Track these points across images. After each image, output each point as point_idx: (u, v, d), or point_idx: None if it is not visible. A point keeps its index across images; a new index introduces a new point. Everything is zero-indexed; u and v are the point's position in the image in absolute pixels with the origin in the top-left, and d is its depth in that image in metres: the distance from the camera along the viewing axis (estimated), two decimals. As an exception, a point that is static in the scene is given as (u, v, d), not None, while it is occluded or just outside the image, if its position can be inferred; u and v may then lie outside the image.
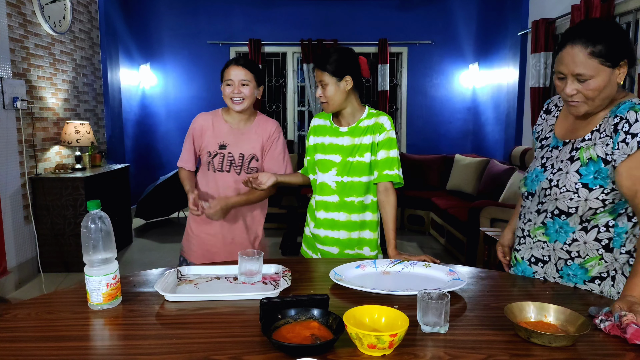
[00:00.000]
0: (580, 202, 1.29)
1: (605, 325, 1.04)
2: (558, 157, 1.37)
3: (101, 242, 1.17)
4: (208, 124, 2.00)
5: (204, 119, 2.01)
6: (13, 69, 3.62)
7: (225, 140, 1.98)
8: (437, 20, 6.10)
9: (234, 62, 1.91)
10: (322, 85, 1.72)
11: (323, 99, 1.74)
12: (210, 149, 1.98)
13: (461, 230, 4.07)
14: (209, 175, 2.00)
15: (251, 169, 1.98)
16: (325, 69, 1.70)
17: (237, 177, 1.97)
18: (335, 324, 1.02)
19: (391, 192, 1.74)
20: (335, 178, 1.78)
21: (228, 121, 2.00)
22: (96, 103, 5.08)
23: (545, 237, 1.40)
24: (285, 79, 6.29)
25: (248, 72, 1.90)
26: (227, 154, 1.97)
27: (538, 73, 4.32)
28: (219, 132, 1.98)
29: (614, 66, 1.22)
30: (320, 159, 1.81)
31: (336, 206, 1.79)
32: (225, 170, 1.97)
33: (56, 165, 4.16)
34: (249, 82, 1.90)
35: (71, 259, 3.93)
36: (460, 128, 6.32)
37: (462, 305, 1.21)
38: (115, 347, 1.01)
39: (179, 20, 6.03)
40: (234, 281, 1.38)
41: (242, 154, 1.97)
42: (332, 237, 1.81)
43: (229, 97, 1.90)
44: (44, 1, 4.00)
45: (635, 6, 3.26)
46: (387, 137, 1.73)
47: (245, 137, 1.98)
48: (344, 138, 1.78)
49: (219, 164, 1.97)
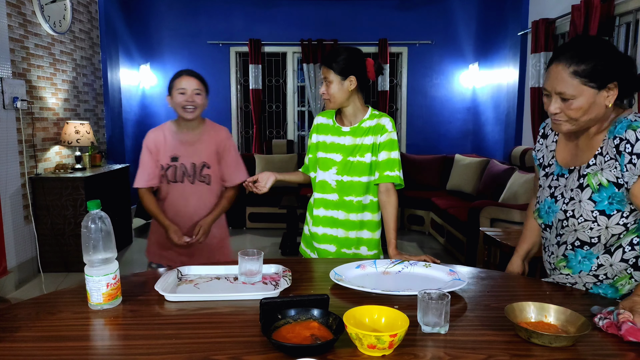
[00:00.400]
0: (602, 231, 1.25)
1: (603, 323, 1.05)
2: (566, 185, 1.32)
3: (101, 242, 1.17)
4: (160, 139, 2.05)
5: (156, 134, 2.06)
6: (13, 69, 3.61)
7: (177, 152, 2.03)
8: (437, 20, 6.10)
9: (185, 72, 1.98)
10: (327, 82, 1.74)
11: (326, 96, 1.76)
12: (163, 162, 2.04)
13: (461, 230, 4.07)
14: (164, 189, 2.07)
15: (203, 177, 2.05)
16: (331, 67, 1.72)
17: (191, 185, 2.05)
18: (335, 324, 1.02)
19: (392, 192, 1.76)
20: (336, 177, 1.79)
21: (178, 133, 2.05)
22: (96, 103, 5.08)
23: (568, 270, 1.35)
24: (285, 79, 6.29)
25: (200, 82, 1.98)
26: (180, 165, 2.03)
27: (538, 73, 4.32)
28: (170, 145, 2.04)
29: (601, 87, 1.18)
30: (322, 157, 1.82)
31: (335, 204, 1.80)
32: (179, 181, 2.04)
33: (56, 165, 4.16)
34: (200, 92, 1.98)
35: (71, 259, 3.93)
36: (460, 128, 6.32)
37: (463, 306, 1.21)
38: (115, 347, 1.01)
39: (179, 20, 6.03)
40: (234, 281, 1.38)
41: (194, 163, 2.04)
42: (330, 234, 1.82)
43: (181, 105, 1.95)
44: (44, 1, 4.00)
45: (635, 6, 3.26)
46: (389, 139, 1.75)
47: (196, 147, 2.05)
48: (345, 137, 1.79)
49: (172, 175, 2.03)
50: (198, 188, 2.06)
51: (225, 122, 6.22)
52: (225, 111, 6.21)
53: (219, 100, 6.15)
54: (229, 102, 6.20)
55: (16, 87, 3.58)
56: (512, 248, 2.88)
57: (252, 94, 5.97)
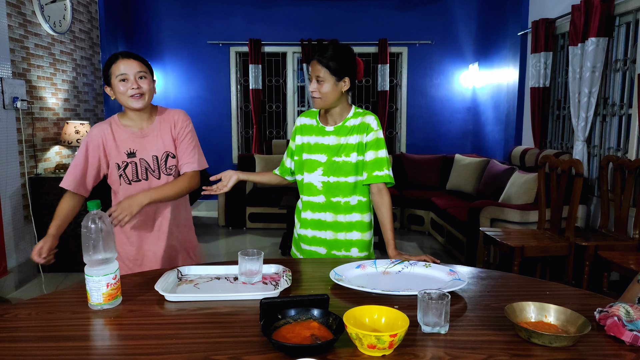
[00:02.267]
0: None
1: (599, 315, 1.06)
2: None
3: (101, 242, 1.17)
4: (107, 134, 1.72)
5: (101, 129, 1.73)
6: (13, 69, 3.61)
7: (131, 147, 1.73)
8: (437, 20, 6.10)
9: (121, 55, 1.66)
10: (319, 80, 1.67)
11: (317, 95, 1.69)
12: (118, 160, 1.72)
13: (461, 230, 4.07)
14: (122, 190, 1.76)
15: (170, 169, 1.75)
16: (327, 66, 1.65)
17: (158, 182, 1.74)
18: (335, 324, 1.02)
19: (385, 192, 1.73)
20: (321, 178, 1.75)
21: (128, 125, 1.74)
22: (96, 103, 5.08)
23: None
24: (285, 79, 6.29)
25: (141, 63, 1.67)
26: (139, 160, 1.73)
27: (538, 73, 4.32)
28: (121, 140, 1.73)
29: None
30: (307, 159, 1.79)
31: (322, 207, 1.77)
32: (142, 179, 1.74)
33: (56, 165, 4.15)
34: (145, 74, 1.67)
35: (71, 259, 3.92)
36: (460, 128, 6.32)
37: (463, 306, 1.21)
38: (115, 347, 1.01)
39: (179, 20, 6.03)
40: (234, 281, 1.38)
41: (155, 156, 1.74)
42: (319, 237, 1.79)
43: (125, 94, 1.65)
44: (44, 1, 4.00)
45: (635, 6, 3.26)
46: (375, 138, 1.71)
47: (152, 137, 1.74)
48: (329, 137, 1.75)
49: (132, 174, 1.73)
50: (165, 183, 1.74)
51: (225, 122, 6.22)
52: (225, 111, 6.21)
53: (219, 100, 6.15)
54: (229, 102, 6.20)
55: (16, 87, 3.58)
56: (512, 248, 2.89)
57: (252, 94, 5.97)
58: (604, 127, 3.70)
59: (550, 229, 3.20)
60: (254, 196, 5.40)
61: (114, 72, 1.64)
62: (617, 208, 3.09)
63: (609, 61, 3.55)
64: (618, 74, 3.51)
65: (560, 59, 4.36)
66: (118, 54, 1.66)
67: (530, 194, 3.73)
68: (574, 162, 2.92)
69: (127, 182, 1.74)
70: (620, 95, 3.51)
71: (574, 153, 3.71)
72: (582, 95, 3.58)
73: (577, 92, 3.67)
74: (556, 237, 3.08)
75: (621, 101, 3.50)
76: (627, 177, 3.01)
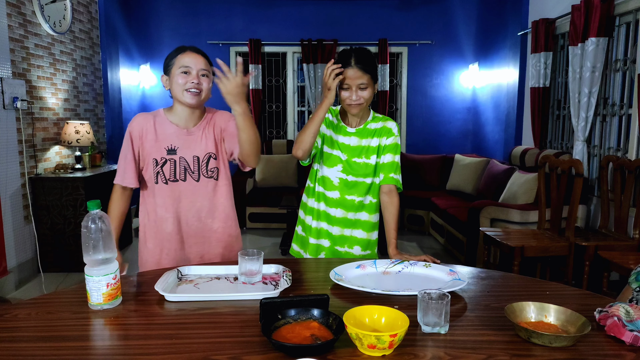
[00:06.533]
0: None
1: (598, 315, 1.06)
2: None
3: (101, 242, 1.17)
4: (149, 126, 1.65)
5: (144, 118, 1.67)
6: (13, 69, 3.61)
7: (174, 143, 1.65)
8: (437, 20, 6.10)
9: (189, 48, 1.63)
10: (362, 87, 1.68)
11: (360, 101, 1.69)
12: (156, 155, 1.64)
13: (461, 230, 4.07)
14: (158, 190, 1.67)
15: (211, 171, 1.69)
16: (371, 73, 1.69)
17: (197, 184, 1.67)
18: (335, 324, 1.02)
19: (395, 194, 1.79)
20: (340, 175, 1.79)
21: (174, 121, 1.67)
22: (96, 103, 5.08)
23: None
24: (285, 79, 6.28)
25: (207, 62, 1.64)
26: (179, 159, 1.65)
27: (538, 73, 4.31)
28: (164, 134, 1.65)
29: None
30: (327, 152, 1.81)
31: (335, 202, 1.80)
32: (180, 179, 1.66)
33: (56, 165, 4.16)
34: (208, 74, 1.63)
35: (71, 259, 3.92)
36: (460, 128, 6.32)
37: (463, 306, 1.21)
38: (115, 347, 1.01)
39: (179, 20, 6.02)
40: (234, 281, 1.38)
41: (197, 157, 1.67)
42: (325, 229, 1.82)
43: (182, 87, 1.59)
44: (44, 1, 4.00)
45: (635, 6, 3.26)
46: (395, 143, 1.78)
47: (197, 137, 1.68)
48: (351, 138, 1.79)
49: (170, 172, 1.65)
50: (204, 186, 1.69)
51: (225, 122, 6.21)
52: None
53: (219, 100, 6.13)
54: (229, 102, 6.19)
55: (16, 87, 3.58)
56: (512, 248, 2.89)
57: (252, 94, 5.97)
58: (604, 127, 3.70)
59: (550, 229, 3.20)
60: (254, 196, 5.40)
61: (178, 63, 1.60)
62: (617, 208, 3.09)
63: (609, 61, 3.55)
64: (618, 74, 3.51)
65: (560, 59, 4.36)
66: (186, 47, 1.64)
67: (530, 194, 3.73)
68: (574, 162, 2.92)
69: (164, 182, 1.65)
70: (620, 95, 3.51)
71: (574, 153, 3.71)
72: (582, 95, 3.58)
73: (577, 92, 3.67)
74: (556, 237, 3.08)
75: (621, 101, 3.50)
76: (627, 177, 3.01)
